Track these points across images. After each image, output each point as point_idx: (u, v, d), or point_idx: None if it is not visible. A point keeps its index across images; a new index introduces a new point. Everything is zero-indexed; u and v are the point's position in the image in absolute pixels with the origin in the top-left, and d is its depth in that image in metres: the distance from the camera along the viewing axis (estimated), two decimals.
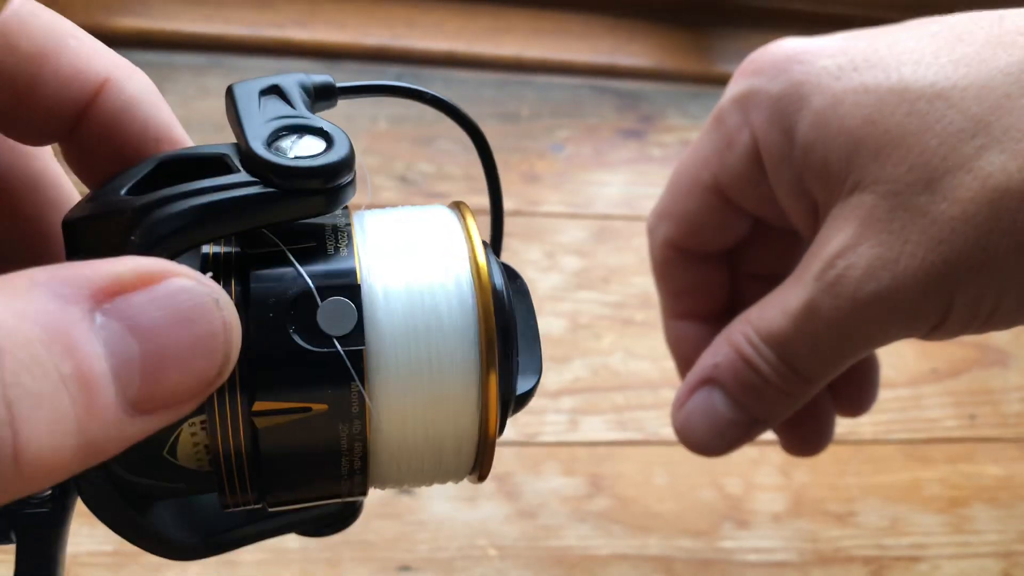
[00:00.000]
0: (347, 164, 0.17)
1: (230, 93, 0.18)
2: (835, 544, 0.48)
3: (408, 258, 0.18)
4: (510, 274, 0.20)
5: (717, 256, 0.32)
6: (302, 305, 0.16)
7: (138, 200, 0.16)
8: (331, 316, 0.16)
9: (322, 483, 0.18)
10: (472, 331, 0.17)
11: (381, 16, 0.62)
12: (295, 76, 0.19)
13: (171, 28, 0.57)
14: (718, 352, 0.28)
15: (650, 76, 0.63)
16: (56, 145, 0.19)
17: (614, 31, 0.64)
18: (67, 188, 0.20)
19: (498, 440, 0.18)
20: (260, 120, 0.17)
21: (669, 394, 0.51)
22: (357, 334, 0.16)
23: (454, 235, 0.18)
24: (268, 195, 0.16)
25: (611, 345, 0.52)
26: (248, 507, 0.18)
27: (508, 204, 0.59)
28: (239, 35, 0.58)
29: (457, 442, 0.18)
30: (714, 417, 0.28)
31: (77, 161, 0.19)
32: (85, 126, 0.18)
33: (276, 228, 0.17)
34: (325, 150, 0.17)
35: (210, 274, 0.16)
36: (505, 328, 0.17)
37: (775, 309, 0.26)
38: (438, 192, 0.55)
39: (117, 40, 0.56)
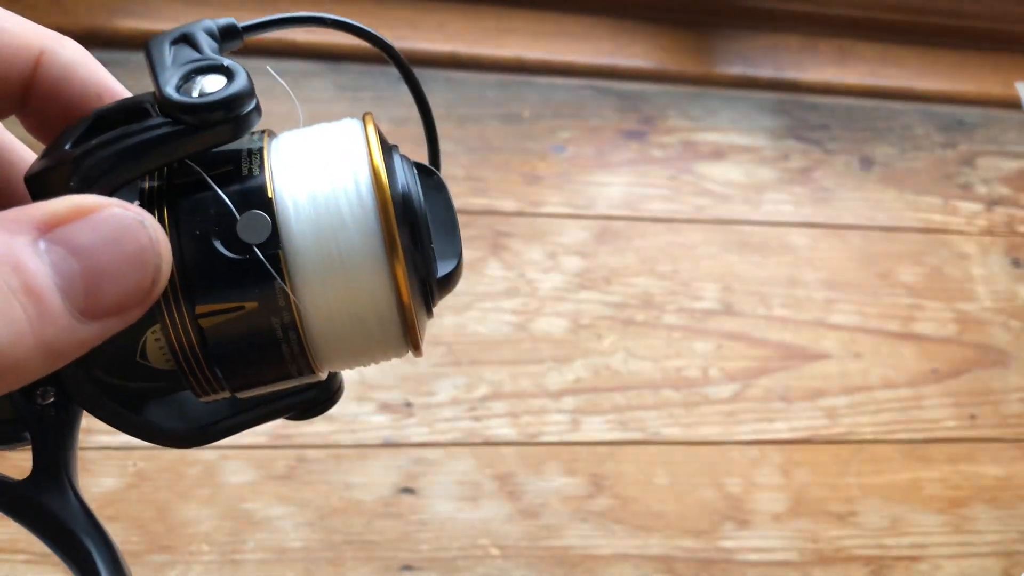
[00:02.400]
0: (246, 94, 0.20)
1: (145, 47, 0.21)
2: (835, 544, 0.48)
3: (313, 169, 0.21)
4: (424, 171, 0.23)
5: None
6: (224, 221, 0.19)
7: (76, 151, 0.19)
8: (248, 228, 0.19)
9: (272, 367, 0.21)
10: (373, 224, 0.20)
11: (384, 17, 0.62)
12: (201, 23, 0.21)
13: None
14: None
15: (651, 78, 0.63)
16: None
17: (615, 33, 0.64)
18: (22, 151, 0.23)
19: (427, 320, 0.21)
20: (171, 67, 0.20)
21: (670, 394, 0.51)
22: (273, 240, 0.19)
23: (355, 142, 0.21)
24: (180, 131, 0.19)
25: (612, 345, 0.52)
26: (220, 396, 0.21)
27: (510, 205, 0.59)
28: None
29: (380, 322, 0.21)
30: None
31: (35, 128, 0.22)
32: (33, 96, 0.21)
33: (199, 158, 0.20)
34: (226, 84, 0.20)
35: (137, 202, 0.19)
36: (410, 219, 0.20)
37: None
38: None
39: (119, 41, 0.56)
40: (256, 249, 0.19)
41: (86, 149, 0.19)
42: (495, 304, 0.52)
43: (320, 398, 0.23)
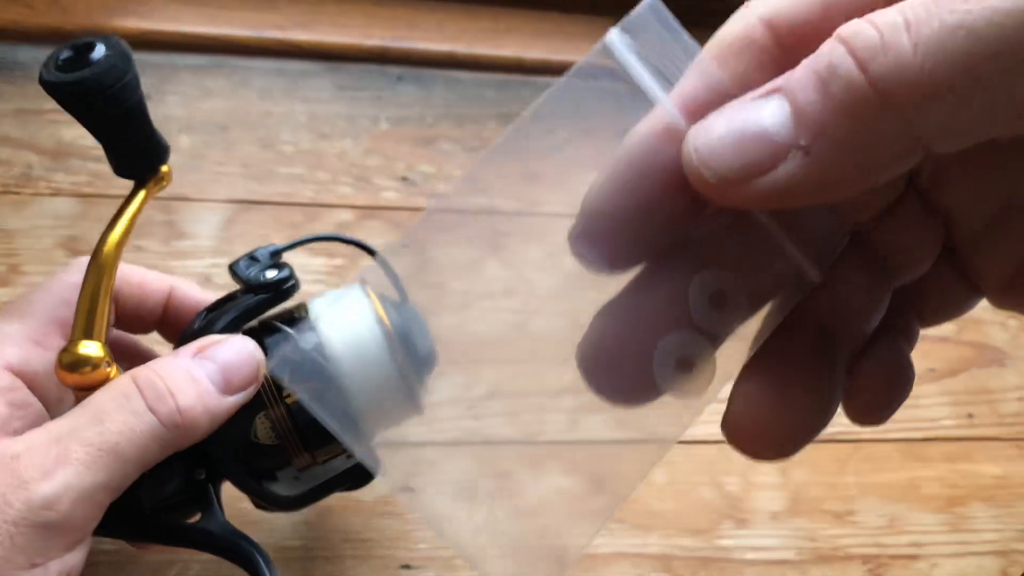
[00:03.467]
0: (293, 274, 0.35)
1: (231, 267, 0.36)
2: (833, 542, 0.48)
3: (338, 312, 0.34)
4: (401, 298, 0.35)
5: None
6: (290, 339, 0.33)
7: (207, 318, 0.35)
8: (305, 339, 0.33)
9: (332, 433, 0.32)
10: (378, 331, 0.33)
11: (383, 17, 0.62)
12: (257, 251, 0.36)
13: (173, 29, 0.58)
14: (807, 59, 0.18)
15: None
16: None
17: None
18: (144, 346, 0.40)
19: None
20: (250, 268, 0.35)
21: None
22: (319, 346, 0.32)
23: (356, 294, 0.34)
24: (265, 298, 0.35)
25: None
26: (308, 463, 0.35)
27: (509, 205, 0.59)
28: (241, 36, 0.58)
29: (397, 394, 0.34)
30: (747, 122, 0.18)
31: (169, 336, 0.38)
32: (167, 315, 0.37)
33: (273, 315, 0.35)
34: (282, 272, 0.35)
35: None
36: (401, 333, 0.34)
37: None
38: (439, 193, 0.55)
39: None
40: (311, 352, 0.32)
41: (216, 315, 0.34)
42: (494, 303, 0.52)
43: (362, 474, 0.37)
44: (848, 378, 0.23)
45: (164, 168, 0.32)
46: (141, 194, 0.32)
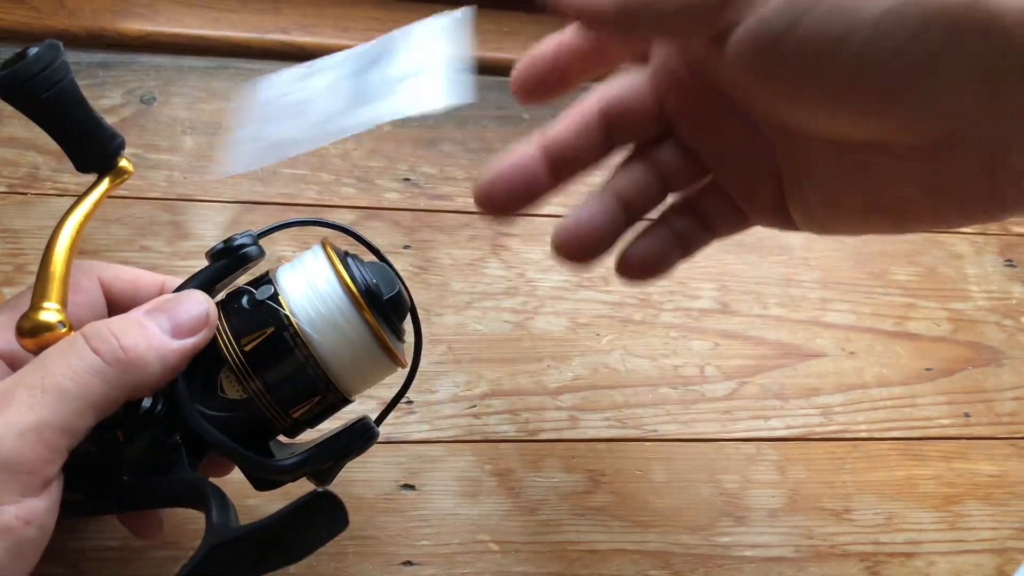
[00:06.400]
0: (249, 244, 0.36)
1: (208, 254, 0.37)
2: (831, 540, 0.49)
3: (297, 268, 0.35)
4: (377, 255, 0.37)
5: (612, 147, 0.38)
6: (247, 294, 0.34)
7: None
8: (262, 292, 0.34)
9: (301, 380, 0.33)
10: (336, 280, 0.34)
11: (385, 20, 0.62)
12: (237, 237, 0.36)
13: (177, 31, 0.58)
14: None
15: None
16: None
17: None
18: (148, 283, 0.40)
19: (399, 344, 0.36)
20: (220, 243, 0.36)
21: (668, 392, 0.52)
22: (275, 294, 0.33)
23: (318, 254, 0.36)
24: (224, 264, 0.35)
25: (610, 344, 0.53)
26: (284, 423, 0.34)
27: None
28: (245, 38, 0.59)
29: (362, 339, 0.34)
30: None
31: None
32: None
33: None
34: (242, 238, 0.36)
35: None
36: (352, 274, 0.34)
37: None
38: (441, 194, 0.56)
39: (123, 43, 0.57)
40: (267, 300, 0.33)
41: (176, 289, 0.35)
42: (495, 303, 0.52)
43: (360, 434, 0.35)
44: (629, 242, 0.37)
45: (123, 162, 0.35)
46: (101, 184, 0.34)
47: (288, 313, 0.33)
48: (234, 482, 0.38)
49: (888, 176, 0.30)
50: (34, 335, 0.31)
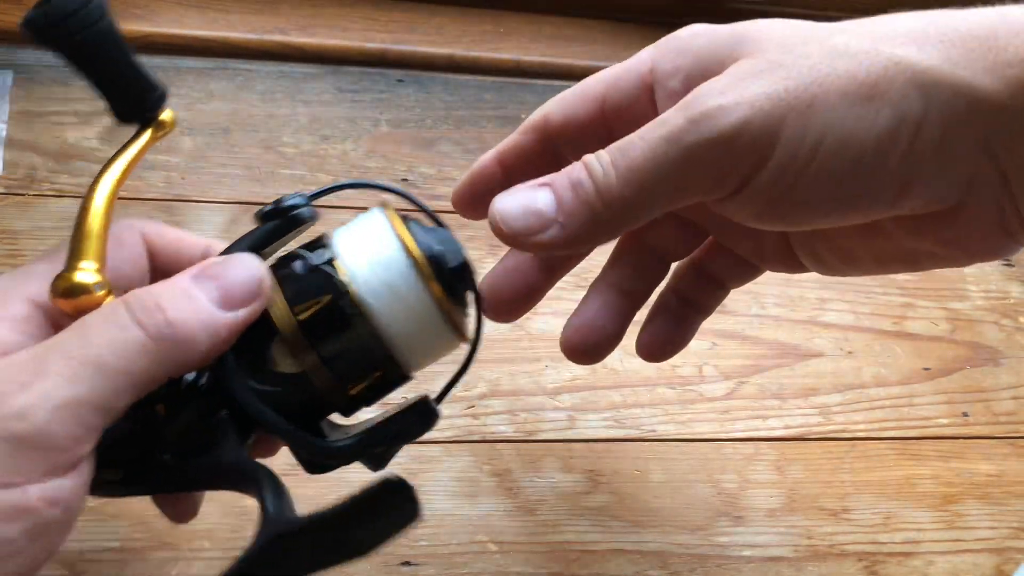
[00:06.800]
0: (302, 204, 0.32)
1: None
2: (829, 540, 0.49)
3: (356, 231, 0.32)
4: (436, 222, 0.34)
5: (564, 161, 0.36)
6: (301, 258, 0.31)
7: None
8: (317, 257, 0.31)
9: (359, 351, 0.30)
10: (400, 247, 0.30)
11: (383, 21, 0.62)
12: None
13: (176, 32, 0.58)
14: (567, 167, 0.30)
15: None
16: None
17: (612, 36, 0.64)
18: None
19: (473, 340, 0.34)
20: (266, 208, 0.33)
21: (666, 392, 0.52)
22: (330, 260, 0.30)
23: (378, 218, 0.32)
24: (277, 225, 0.32)
25: None
26: (340, 397, 0.31)
27: None
28: (243, 39, 0.59)
29: (426, 311, 0.30)
30: (530, 200, 0.30)
31: None
32: None
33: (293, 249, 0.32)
34: (297, 198, 0.33)
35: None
36: (419, 240, 0.31)
37: (631, 134, 0.29)
38: (439, 194, 0.56)
39: None
40: (322, 266, 0.30)
41: (223, 252, 0.32)
42: None
43: (420, 415, 0.32)
44: (644, 327, 0.39)
45: (166, 114, 0.32)
46: (143, 137, 0.31)
47: (346, 280, 0.30)
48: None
49: (901, 236, 0.31)
50: (70, 296, 0.28)
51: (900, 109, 0.26)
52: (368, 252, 0.30)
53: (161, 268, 0.33)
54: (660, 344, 0.38)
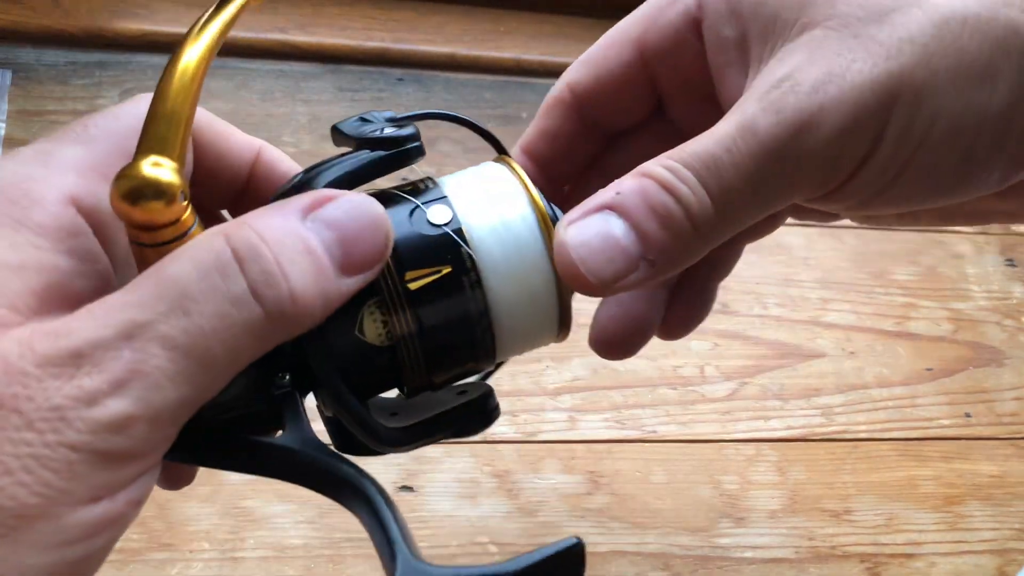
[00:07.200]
0: (417, 133, 0.27)
1: (334, 128, 0.28)
2: (831, 541, 0.48)
3: (479, 186, 0.27)
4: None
5: (603, 134, 0.31)
6: (417, 213, 0.25)
7: (311, 173, 0.26)
8: (437, 213, 0.25)
9: (463, 338, 0.25)
10: (534, 221, 0.26)
11: (383, 20, 0.62)
12: (370, 113, 0.28)
13: (175, 31, 0.58)
14: (622, 182, 0.25)
15: None
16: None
17: None
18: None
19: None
20: (364, 126, 0.27)
21: (667, 393, 0.51)
22: (456, 221, 0.25)
23: (503, 172, 0.27)
24: (385, 155, 0.26)
25: None
26: (419, 385, 0.26)
27: None
28: (243, 38, 0.59)
29: (544, 301, 0.26)
30: (607, 241, 0.24)
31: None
32: (255, 180, 0.28)
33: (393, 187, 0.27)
34: (402, 128, 0.27)
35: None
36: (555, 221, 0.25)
37: (703, 137, 0.24)
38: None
39: (121, 43, 0.56)
40: (445, 227, 0.25)
41: (319, 171, 0.26)
42: None
43: (481, 413, 0.27)
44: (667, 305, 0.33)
45: None
46: None
47: (472, 252, 0.25)
48: (230, 484, 0.38)
49: (985, 199, 0.28)
50: (139, 201, 0.21)
51: (1016, 91, 0.23)
52: (497, 221, 0.25)
53: (204, 167, 0.27)
54: (688, 318, 0.33)
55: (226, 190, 0.28)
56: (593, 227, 0.24)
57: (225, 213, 0.29)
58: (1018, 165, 0.25)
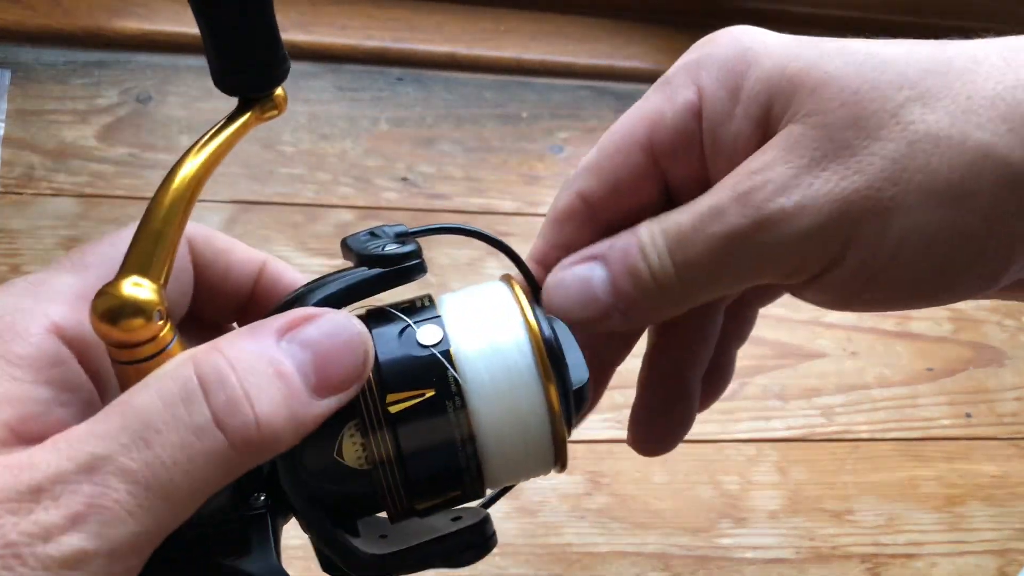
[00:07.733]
0: (419, 251, 0.26)
1: (343, 242, 0.27)
2: (832, 541, 0.48)
3: (474, 310, 0.26)
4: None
5: (612, 230, 0.31)
6: (406, 333, 0.25)
7: (304, 288, 0.26)
8: (426, 333, 0.24)
9: (448, 466, 0.24)
10: (528, 349, 0.25)
11: (382, 19, 0.62)
12: (381, 228, 0.28)
13: (174, 30, 0.58)
14: (619, 237, 0.28)
15: (648, 78, 0.63)
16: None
17: (613, 34, 0.64)
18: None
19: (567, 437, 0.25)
20: (369, 242, 0.26)
21: None
22: (444, 342, 0.24)
23: (503, 294, 0.26)
24: (382, 273, 0.25)
25: None
26: (400, 512, 0.25)
27: (508, 205, 0.60)
28: None
29: (536, 433, 0.25)
30: (587, 286, 0.27)
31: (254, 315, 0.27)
32: (259, 294, 0.28)
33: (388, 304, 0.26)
34: (405, 246, 0.26)
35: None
36: (552, 355, 0.25)
37: (685, 209, 0.26)
38: (439, 193, 0.56)
39: (121, 43, 0.56)
40: (433, 349, 0.24)
41: (317, 285, 0.25)
42: None
43: (476, 542, 0.25)
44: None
45: (278, 91, 0.25)
46: (243, 117, 0.25)
47: (458, 376, 0.24)
48: None
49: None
50: (118, 321, 0.21)
51: (990, 212, 0.24)
52: (488, 345, 0.25)
53: (206, 285, 0.28)
54: (712, 390, 0.34)
55: (231, 304, 0.28)
56: (580, 274, 0.28)
57: (235, 325, 0.30)
58: (996, 274, 0.25)
